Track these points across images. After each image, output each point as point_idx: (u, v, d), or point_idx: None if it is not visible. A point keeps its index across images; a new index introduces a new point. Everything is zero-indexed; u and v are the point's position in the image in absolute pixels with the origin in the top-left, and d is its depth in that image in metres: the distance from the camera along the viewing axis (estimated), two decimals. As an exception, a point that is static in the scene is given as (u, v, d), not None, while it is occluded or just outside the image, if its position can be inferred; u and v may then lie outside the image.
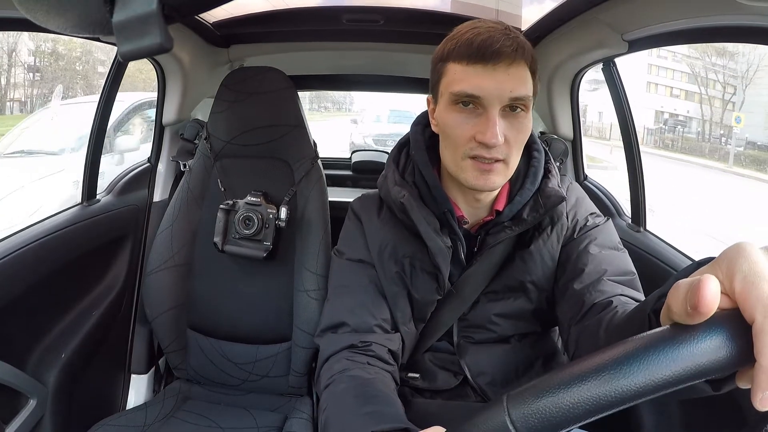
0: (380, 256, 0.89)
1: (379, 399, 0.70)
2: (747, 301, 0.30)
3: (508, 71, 0.71)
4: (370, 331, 0.85)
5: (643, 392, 0.30)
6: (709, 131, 10.57)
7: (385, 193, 0.90)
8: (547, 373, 0.33)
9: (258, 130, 1.23)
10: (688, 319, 0.31)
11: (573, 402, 0.31)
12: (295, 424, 1.12)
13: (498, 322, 0.89)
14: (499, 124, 0.72)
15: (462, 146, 0.75)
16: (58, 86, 5.92)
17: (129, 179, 1.39)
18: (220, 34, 1.45)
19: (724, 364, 0.30)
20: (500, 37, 0.71)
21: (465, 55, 0.72)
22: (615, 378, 0.30)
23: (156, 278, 1.23)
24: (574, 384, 0.31)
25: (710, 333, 0.30)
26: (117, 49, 0.31)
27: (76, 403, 1.14)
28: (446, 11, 1.45)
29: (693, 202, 3.12)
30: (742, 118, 9.80)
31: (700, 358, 0.29)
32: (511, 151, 0.76)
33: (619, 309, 0.68)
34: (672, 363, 0.30)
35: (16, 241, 1.03)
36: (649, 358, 0.30)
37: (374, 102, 9.77)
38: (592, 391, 0.30)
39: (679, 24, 0.93)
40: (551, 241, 0.86)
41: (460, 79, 0.73)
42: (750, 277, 0.30)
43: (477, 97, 0.72)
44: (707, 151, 9.91)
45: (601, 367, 0.31)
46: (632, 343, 0.31)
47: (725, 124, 9.75)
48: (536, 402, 0.32)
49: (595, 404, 0.30)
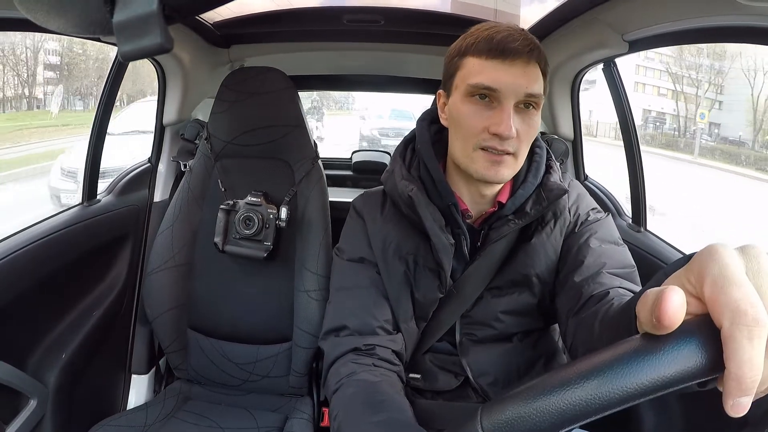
0: (384, 253, 0.90)
1: (388, 405, 0.71)
2: (715, 306, 0.29)
3: (524, 69, 0.75)
4: (372, 333, 0.86)
5: (610, 404, 0.30)
6: (684, 127, 11.01)
7: (391, 187, 0.90)
8: (522, 384, 0.34)
9: (258, 131, 1.23)
10: (654, 331, 0.30)
11: (541, 414, 0.31)
12: (295, 425, 1.12)
13: (503, 318, 0.89)
14: (513, 118, 0.74)
15: (474, 137, 0.77)
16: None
17: (129, 179, 1.39)
18: (221, 34, 1.45)
19: (694, 373, 0.29)
20: (518, 37, 0.75)
21: (485, 50, 0.75)
22: (581, 390, 0.30)
23: (156, 278, 1.23)
24: (542, 395, 0.31)
25: (679, 342, 0.30)
26: (117, 49, 0.31)
27: (76, 403, 1.14)
28: (446, 12, 1.45)
29: (652, 185, 3.55)
30: (706, 114, 10.49)
31: (669, 369, 0.29)
32: (521, 145, 0.78)
33: (615, 301, 0.68)
34: (639, 374, 0.29)
35: (17, 241, 1.02)
36: (615, 370, 0.30)
37: (376, 102, 11.14)
38: (558, 404, 0.31)
39: (679, 24, 0.93)
40: (554, 234, 0.87)
41: (478, 71, 0.76)
42: (719, 281, 0.30)
43: (494, 90, 0.75)
44: (682, 146, 10.37)
45: (566, 381, 0.31)
46: (600, 355, 0.31)
47: (697, 121, 10.25)
48: (505, 413, 0.32)
49: (559, 417, 0.31)
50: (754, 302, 0.29)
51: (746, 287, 0.29)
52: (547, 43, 1.32)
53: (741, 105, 9.05)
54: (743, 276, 0.30)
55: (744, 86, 9.17)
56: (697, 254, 0.32)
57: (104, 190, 1.35)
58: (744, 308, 0.28)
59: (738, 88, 9.29)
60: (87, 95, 6.79)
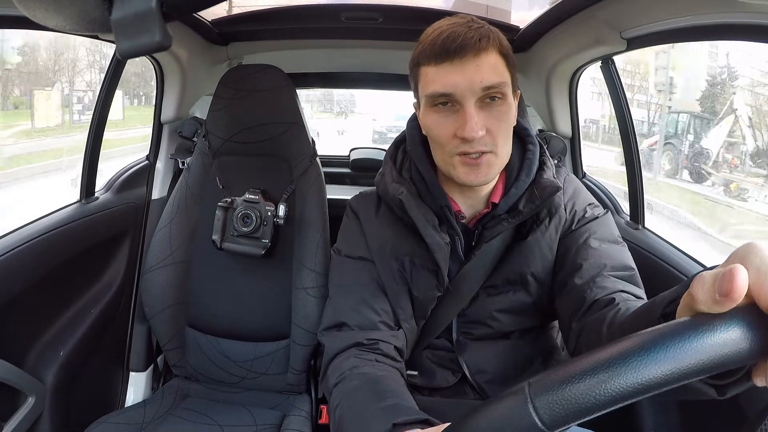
0: (381, 254, 0.90)
1: (393, 393, 0.69)
2: (762, 291, 0.31)
3: (475, 62, 0.71)
4: (374, 328, 0.85)
5: (669, 380, 0.30)
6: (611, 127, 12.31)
7: (382, 190, 0.90)
8: (568, 361, 0.33)
9: (256, 128, 1.23)
10: (715, 307, 0.31)
11: (599, 389, 0.30)
12: (293, 422, 1.12)
13: (498, 317, 0.89)
14: (476, 117, 0.72)
15: (447, 145, 0.76)
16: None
17: (127, 177, 1.39)
18: (219, 31, 1.44)
19: (746, 354, 0.30)
20: (462, 31, 0.71)
21: (432, 55, 0.73)
22: (642, 365, 0.30)
23: (154, 276, 1.23)
24: (600, 371, 0.31)
25: (733, 322, 0.31)
26: (115, 46, 0.31)
27: (74, 400, 1.14)
28: (445, 9, 1.45)
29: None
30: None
31: (725, 348, 0.30)
32: (497, 140, 0.75)
33: (622, 307, 0.68)
34: (698, 352, 0.30)
35: (15, 238, 1.02)
36: (675, 345, 0.30)
37: (382, 105, 12.90)
38: (618, 378, 0.30)
39: (678, 21, 0.93)
40: (549, 232, 0.86)
41: (432, 80, 0.74)
42: (763, 269, 0.32)
43: (450, 95, 0.73)
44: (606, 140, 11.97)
45: (629, 352, 0.31)
46: (658, 330, 0.32)
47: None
48: (561, 389, 0.31)
49: (620, 392, 0.30)
50: None
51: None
52: (545, 40, 1.32)
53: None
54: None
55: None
56: (735, 251, 0.35)
57: (102, 187, 1.35)
58: None
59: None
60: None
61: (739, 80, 5.54)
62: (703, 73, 5.92)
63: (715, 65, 5.82)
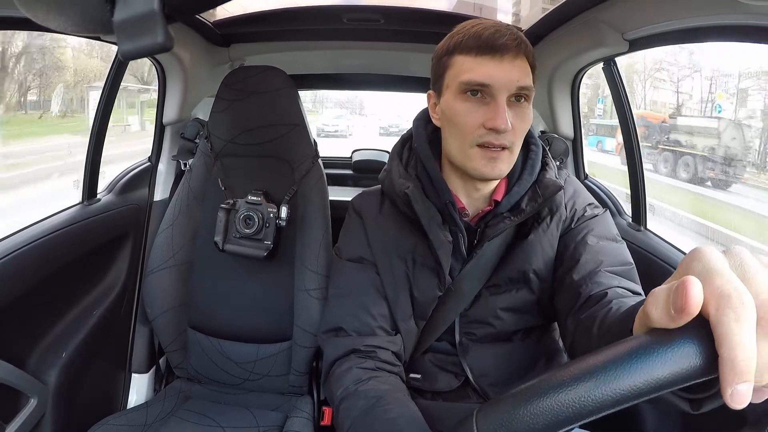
0: (383, 252, 0.90)
1: (401, 421, 0.71)
2: (708, 300, 0.30)
3: (514, 63, 0.75)
4: (372, 334, 0.86)
5: (619, 401, 0.29)
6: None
7: (388, 186, 0.90)
8: (518, 387, 0.33)
9: (258, 130, 1.23)
10: (671, 323, 0.30)
11: (547, 415, 0.30)
12: (295, 423, 1.12)
13: (501, 316, 0.89)
14: (507, 112, 0.75)
15: (470, 134, 0.77)
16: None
17: (129, 178, 1.39)
18: (221, 33, 1.45)
19: (692, 372, 0.29)
20: (505, 32, 0.75)
21: (473, 47, 0.76)
22: (596, 386, 0.30)
23: (156, 278, 1.23)
24: (549, 394, 0.31)
25: (685, 339, 0.30)
26: (117, 48, 0.31)
27: (76, 402, 1.14)
28: (446, 11, 1.45)
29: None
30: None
31: (666, 368, 0.29)
32: (516, 139, 0.78)
33: (614, 305, 0.68)
34: (636, 374, 0.29)
35: (17, 240, 1.02)
36: (630, 364, 0.30)
37: (386, 107, 15.97)
38: (564, 400, 0.30)
39: (680, 23, 0.93)
40: (550, 230, 0.87)
41: (469, 69, 0.76)
42: (702, 275, 0.31)
43: (486, 86, 0.75)
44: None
45: (577, 376, 0.31)
46: (612, 350, 0.31)
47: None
48: (507, 417, 0.32)
49: (570, 415, 0.30)
50: (737, 287, 0.29)
51: (728, 275, 0.30)
52: (547, 42, 1.32)
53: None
54: (726, 267, 0.31)
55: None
56: (683, 259, 0.33)
57: (104, 189, 1.35)
58: (727, 292, 0.29)
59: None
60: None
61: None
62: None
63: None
